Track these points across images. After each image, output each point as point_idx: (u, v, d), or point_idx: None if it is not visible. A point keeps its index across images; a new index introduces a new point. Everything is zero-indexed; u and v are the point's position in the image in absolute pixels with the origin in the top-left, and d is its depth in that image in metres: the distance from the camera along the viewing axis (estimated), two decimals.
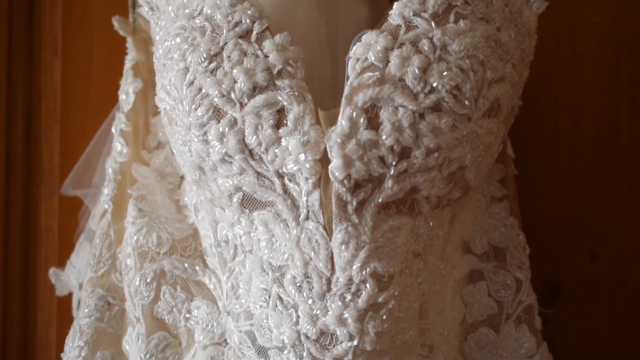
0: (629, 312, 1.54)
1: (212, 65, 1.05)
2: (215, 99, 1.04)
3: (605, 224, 1.55)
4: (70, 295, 1.60)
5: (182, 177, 1.36)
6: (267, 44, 1.05)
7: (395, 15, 1.05)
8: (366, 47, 1.03)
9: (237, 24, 1.07)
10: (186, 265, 1.27)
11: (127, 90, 1.38)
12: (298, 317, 1.07)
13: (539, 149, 1.58)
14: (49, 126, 1.79)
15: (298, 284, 1.06)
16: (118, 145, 1.36)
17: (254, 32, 1.06)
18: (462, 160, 1.05)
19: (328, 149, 1.00)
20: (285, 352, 1.10)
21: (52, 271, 1.63)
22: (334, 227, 1.03)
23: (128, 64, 1.40)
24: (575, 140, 1.57)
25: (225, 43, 1.06)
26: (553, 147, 1.58)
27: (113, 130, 1.38)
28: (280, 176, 1.04)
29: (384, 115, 0.99)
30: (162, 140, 1.41)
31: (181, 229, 1.30)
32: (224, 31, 1.07)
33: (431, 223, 1.09)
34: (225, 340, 1.23)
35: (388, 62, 1.01)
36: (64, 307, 1.68)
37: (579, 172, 1.57)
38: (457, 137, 1.02)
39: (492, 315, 1.29)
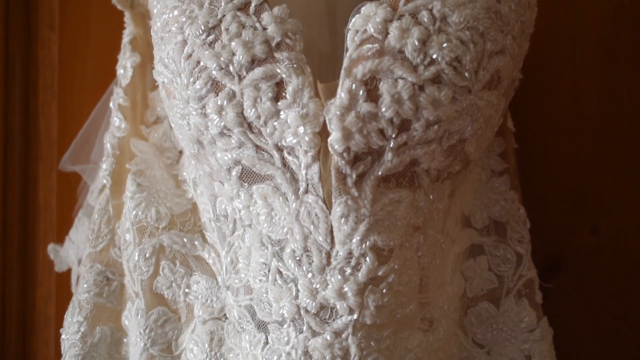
0: (630, 286, 1.54)
1: (210, 37, 1.05)
2: (214, 72, 1.03)
3: (606, 197, 1.55)
4: (69, 271, 1.60)
5: (181, 152, 1.36)
6: (266, 16, 1.04)
7: None
8: (365, 19, 1.02)
9: None
10: (185, 240, 1.27)
11: (125, 65, 1.37)
12: (298, 291, 1.07)
13: (539, 123, 1.57)
14: (46, 102, 1.78)
15: (297, 258, 1.06)
16: (116, 120, 1.35)
17: (252, 5, 1.05)
18: (462, 133, 1.04)
19: (327, 122, 0.99)
20: (285, 326, 1.09)
21: (50, 247, 1.63)
22: (333, 201, 1.02)
23: (126, 39, 1.39)
24: (576, 114, 1.56)
25: (224, 15, 1.05)
26: (554, 120, 1.57)
27: (111, 105, 1.38)
28: (280, 149, 1.03)
29: (384, 87, 0.98)
30: (160, 115, 1.40)
31: (180, 204, 1.30)
32: (222, 3, 1.06)
33: (431, 196, 1.09)
34: (225, 315, 1.23)
35: (387, 33, 1.00)
36: (63, 283, 1.68)
37: (580, 145, 1.56)
38: (457, 109, 1.01)
39: (493, 289, 1.29)
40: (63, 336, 1.28)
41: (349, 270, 1.04)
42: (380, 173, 1.01)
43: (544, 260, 1.50)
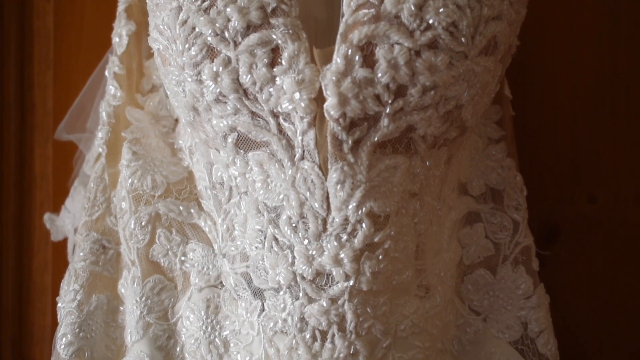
0: (627, 254, 1.54)
1: (206, 3, 1.04)
2: (209, 38, 1.03)
3: (603, 165, 1.54)
4: (65, 240, 1.60)
5: (177, 120, 1.35)
6: None
7: None
8: None
9: None
10: (181, 208, 1.26)
11: (120, 33, 1.36)
12: (294, 257, 1.07)
13: (537, 90, 1.57)
14: (42, 72, 1.77)
15: (294, 225, 1.06)
16: (112, 89, 1.35)
17: None
18: (458, 99, 1.04)
19: (323, 88, 0.99)
20: (281, 293, 1.10)
21: (46, 216, 1.63)
22: (329, 167, 1.02)
23: (121, 7, 1.38)
24: (574, 81, 1.56)
25: None
26: (551, 88, 1.56)
27: (106, 73, 1.37)
28: (275, 115, 1.03)
29: (380, 52, 0.98)
30: (156, 83, 1.40)
31: (176, 172, 1.29)
32: None
33: (427, 163, 1.09)
34: (221, 282, 1.23)
35: None
36: (60, 253, 1.68)
37: (577, 113, 1.56)
38: (453, 74, 1.01)
39: (489, 256, 1.29)
40: (59, 304, 1.28)
41: (345, 237, 1.04)
42: (376, 139, 1.01)
43: (540, 228, 1.50)
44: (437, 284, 1.19)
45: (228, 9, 1.02)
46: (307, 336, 1.09)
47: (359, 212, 1.03)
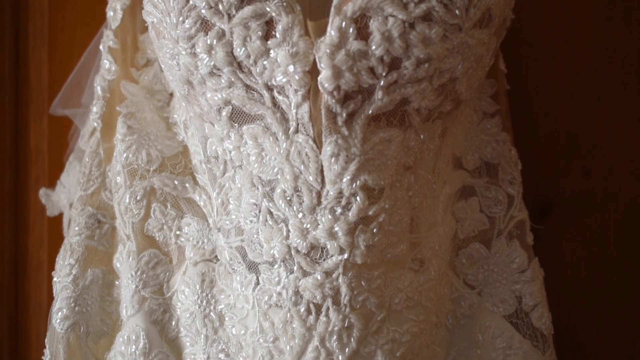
0: (621, 229, 1.54)
1: None
2: (203, 11, 1.02)
3: (598, 140, 1.54)
4: (61, 216, 1.60)
5: (172, 95, 1.35)
6: None
7: None
8: None
9: None
10: (176, 182, 1.27)
11: (115, 7, 1.36)
12: (288, 231, 1.07)
13: (531, 64, 1.56)
14: (37, 47, 1.77)
15: (288, 198, 1.06)
16: (106, 63, 1.34)
17: None
18: (452, 72, 1.03)
19: (317, 60, 0.99)
20: (276, 266, 1.10)
21: (42, 191, 1.63)
22: (323, 140, 1.02)
23: None
24: (569, 56, 1.56)
25: None
26: (546, 62, 1.56)
27: (101, 47, 1.36)
28: (270, 89, 1.02)
29: (374, 25, 0.97)
30: (150, 57, 1.39)
31: (171, 147, 1.29)
32: None
33: (422, 136, 1.09)
34: (216, 256, 1.24)
35: None
36: (55, 228, 1.68)
37: (572, 88, 1.55)
38: (447, 47, 1.01)
39: (484, 230, 1.29)
40: (55, 279, 1.28)
41: (339, 210, 1.04)
42: (370, 112, 1.01)
43: (535, 202, 1.50)
44: (431, 257, 1.19)
45: None
46: (302, 309, 1.09)
47: (353, 185, 1.03)
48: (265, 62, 1.00)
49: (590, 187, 1.54)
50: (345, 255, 1.06)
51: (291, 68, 0.99)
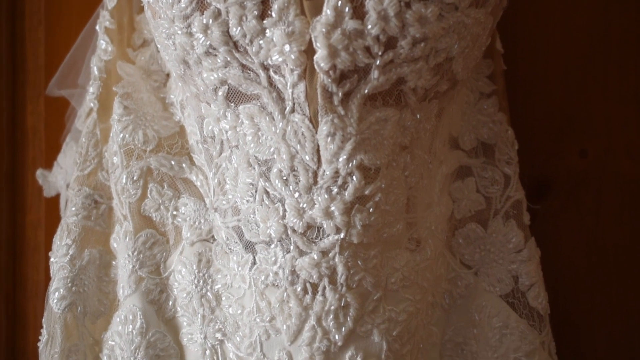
0: (618, 208, 1.54)
1: None
2: None
3: (595, 119, 1.54)
4: (58, 196, 1.60)
5: (168, 75, 1.35)
6: None
7: None
8: None
9: None
10: (173, 162, 1.27)
11: None
12: (285, 210, 1.07)
13: (528, 44, 1.56)
14: (33, 27, 1.76)
15: (284, 178, 1.06)
16: (103, 43, 1.34)
17: None
18: (449, 51, 1.03)
19: (313, 39, 0.98)
20: (272, 246, 1.10)
21: (39, 172, 1.63)
22: (319, 119, 1.02)
23: None
24: (566, 35, 1.55)
25: None
26: (543, 42, 1.56)
27: (97, 28, 1.36)
28: (265, 68, 1.02)
29: (370, 4, 0.97)
30: (147, 38, 1.39)
31: (167, 127, 1.29)
32: None
33: (418, 115, 1.08)
34: (213, 236, 1.24)
35: None
36: (52, 208, 1.68)
37: (569, 67, 1.55)
38: (443, 26, 1.00)
39: (480, 211, 1.30)
40: (52, 259, 1.29)
41: (335, 189, 1.04)
42: (366, 91, 1.01)
43: (532, 182, 1.50)
44: (427, 237, 1.19)
45: None
46: (298, 289, 1.09)
47: (350, 165, 1.03)
48: (261, 42, 1.00)
49: (587, 167, 1.54)
50: (342, 235, 1.06)
51: (287, 47, 0.99)
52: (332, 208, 1.05)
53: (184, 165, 1.27)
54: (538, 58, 1.55)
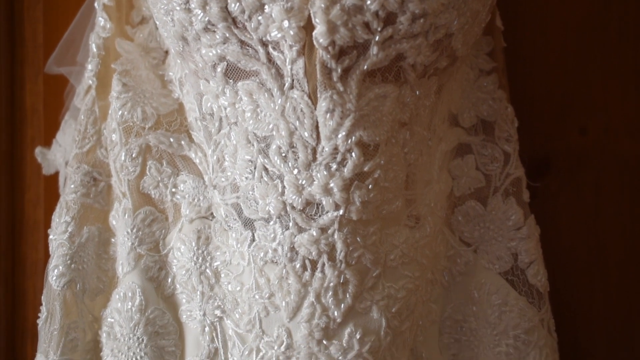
0: (617, 187, 1.54)
1: None
2: None
3: (594, 97, 1.54)
4: (57, 174, 1.60)
5: (167, 52, 1.34)
6: None
7: None
8: None
9: None
10: (171, 139, 1.26)
11: None
12: (284, 187, 1.07)
13: (529, 21, 1.55)
14: (31, 5, 1.75)
15: (283, 154, 1.06)
16: (101, 20, 1.33)
17: None
18: (448, 27, 1.03)
19: (312, 15, 0.98)
20: (271, 223, 1.10)
21: (38, 150, 1.63)
22: (318, 96, 1.02)
23: None
24: (566, 13, 1.54)
25: None
26: (543, 19, 1.55)
27: (96, 5, 1.35)
28: (264, 44, 1.02)
29: None
30: (145, 15, 1.39)
31: (166, 104, 1.29)
32: None
33: (417, 92, 1.08)
34: (212, 213, 1.24)
35: None
36: (52, 187, 1.68)
37: (569, 45, 1.54)
38: (443, 2, 1.00)
39: (480, 188, 1.29)
40: (51, 236, 1.29)
41: (334, 166, 1.04)
42: (365, 67, 1.00)
43: (531, 160, 1.49)
44: (427, 214, 1.19)
45: None
46: (297, 266, 1.10)
47: (349, 141, 1.03)
48: (259, 18, 1.00)
49: (587, 144, 1.54)
50: (341, 212, 1.06)
51: (286, 23, 0.98)
52: (331, 184, 1.05)
53: (182, 142, 1.27)
54: (538, 35, 1.55)
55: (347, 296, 1.10)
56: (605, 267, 1.55)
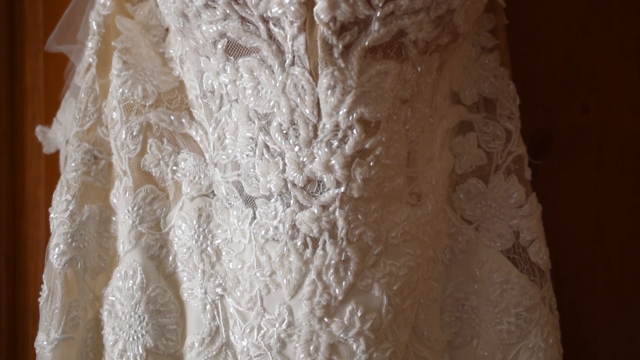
0: (620, 164, 1.53)
1: None
2: None
3: (597, 75, 1.53)
4: (57, 153, 1.60)
5: (167, 30, 1.34)
6: None
7: None
8: None
9: None
10: (172, 117, 1.26)
11: None
12: (285, 164, 1.07)
13: None
14: None
15: (284, 131, 1.06)
16: None
17: None
18: (450, 3, 1.02)
19: None
20: (272, 200, 1.10)
21: (38, 129, 1.63)
22: (319, 72, 1.01)
23: None
24: None
25: None
26: None
27: None
28: (265, 20, 1.01)
29: None
30: None
31: (167, 82, 1.29)
32: None
33: (419, 69, 1.08)
34: (213, 191, 1.24)
35: None
36: (52, 166, 1.68)
37: (571, 22, 1.54)
38: None
39: (482, 166, 1.29)
40: (52, 215, 1.29)
41: (335, 143, 1.04)
42: (367, 43, 1.00)
43: (533, 138, 1.49)
44: (428, 191, 1.19)
45: None
46: (299, 243, 1.09)
47: (350, 118, 1.02)
48: None
49: (589, 122, 1.53)
50: (342, 189, 1.06)
51: None
52: (333, 162, 1.04)
53: (183, 120, 1.26)
54: (540, 12, 1.54)
55: (349, 274, 1.10)
56: (608, 245, 1.55)
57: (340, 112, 1.02)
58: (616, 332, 1.55)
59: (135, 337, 1.23)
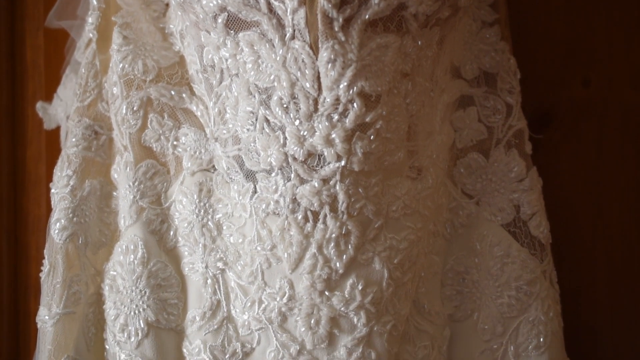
0: (620, 138, 1.53)
1: None
2: None
3: (598, 49, 1.53)
4: (58, 129, 1.60)
5: (167, 5, 1.33)
6: None
7: None
8: None
9: None
10: (173, 92, 1.26)
11: None
12: (285, 138, 1.07)
13: None
14: None
15: (285, 105, 1.06)
16: None
17: None
18: None
19: None
20: (273, 174, 1.10)
21: (39, 105, 1.63)
22: (320, 46, 1.01)
23: None
24: None
25: None
26: None
27: None
28: None
29: None
30: None
31: (167, 57, 1.28)
32: None
33: (419, 42, 1.08)
34: (213, 166, 1.24)
35: None
36: (53, 142, 1.68)
37: None
38: None
39: (482, 140, 1.29)
40: (53, 190, 1.29)
41: (336, 117, 1.04)
42: (367, 17, 1.00)
43: (534, 112, 1.49)
44: (429, 165, 1.19)
45: None
46: (299, 217, 1.10)
47: (350, 92, 1.02)
48: None
49: (590, 96, 1.53)
50: (343, 162, 1.06)
51: None
52: (333, 135, 1.04)
53: (184, 95, 1.26)
54: None
55: (349, 247, 1.10)
56: (608, 219, 1.55)
57: (341, 86, 1.02)
58: (616, 306, 1.56)
59: (136, 312, 1.23)
